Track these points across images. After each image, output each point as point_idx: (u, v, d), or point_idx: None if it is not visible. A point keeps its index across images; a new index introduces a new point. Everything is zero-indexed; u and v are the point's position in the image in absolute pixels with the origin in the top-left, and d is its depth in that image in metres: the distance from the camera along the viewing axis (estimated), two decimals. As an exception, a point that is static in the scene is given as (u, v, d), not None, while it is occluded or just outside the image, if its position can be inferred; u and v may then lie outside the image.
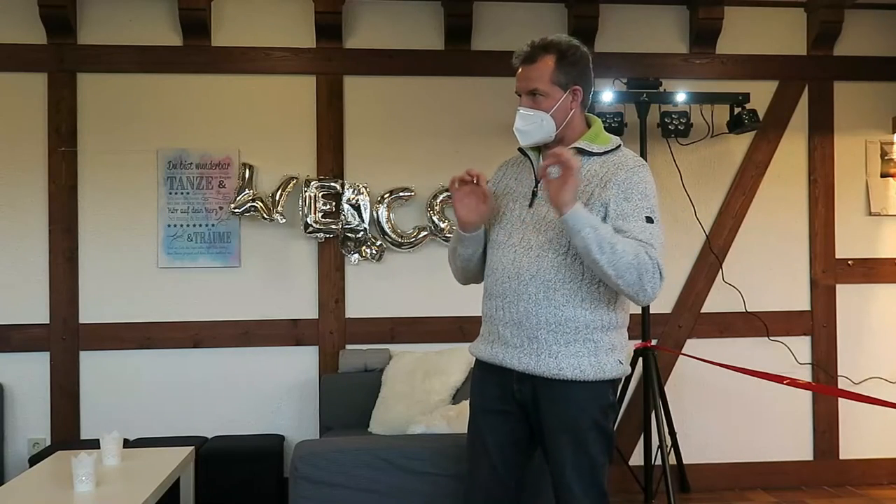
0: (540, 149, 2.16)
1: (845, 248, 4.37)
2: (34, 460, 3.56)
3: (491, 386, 2.13)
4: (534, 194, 2.10)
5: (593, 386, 2.01)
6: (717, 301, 4.31)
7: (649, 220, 1.99)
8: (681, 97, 3.96)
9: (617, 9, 4.28)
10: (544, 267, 2.01)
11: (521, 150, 2.23)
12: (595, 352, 2.01)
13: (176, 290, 4.08)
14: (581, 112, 2.13)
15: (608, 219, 1.98)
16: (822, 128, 4.38)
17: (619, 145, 2.13)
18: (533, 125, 2.07)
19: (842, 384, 4.31)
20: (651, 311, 3.97)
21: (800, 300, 4.36)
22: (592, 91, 2.18)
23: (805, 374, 4.32)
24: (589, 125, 2.15)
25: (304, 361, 4.13)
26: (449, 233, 4.04)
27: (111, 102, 4.08)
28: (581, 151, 2.08)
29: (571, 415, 2.00)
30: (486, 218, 2.14)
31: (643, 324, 3.91)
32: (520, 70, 2.10)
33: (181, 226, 4.08)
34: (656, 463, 3.87)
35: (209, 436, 3.98)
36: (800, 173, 4.39)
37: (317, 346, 4.13)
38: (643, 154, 3.89)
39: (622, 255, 1.88)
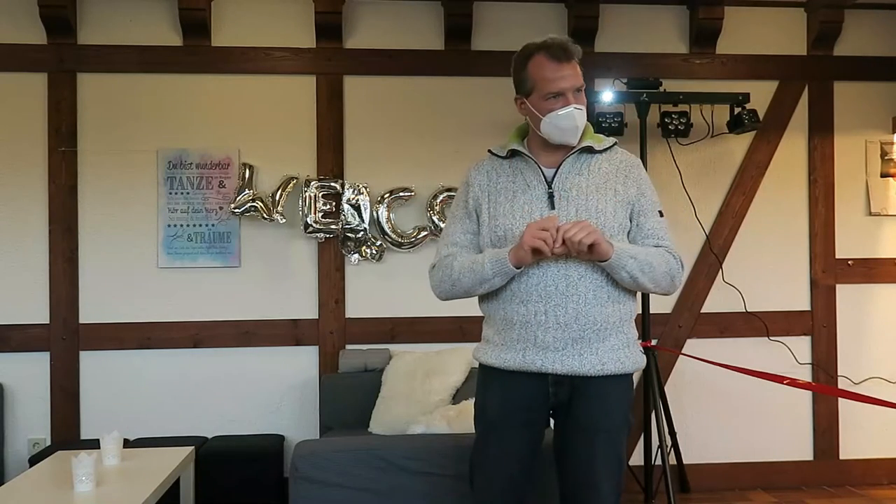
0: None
1: (845, 248, 4.37)
2: (34, 460, 3.56)
3: (519, 396, 2.07)
4: (550, 195, 2.07)
5: (625, 380, 2.09)
6: (717, 301, 4.31)
7: (660, 213, 2.13)
8: (681, 97, 3.96)
9: (617, 9, 4.28)
10: (591, 266, 2.02)
11: (491, 151, 2.22)
12: (627, 344, 2.08)
13: (176, 290, 4.08)
14: None
15: (633, 215, 2.09)
16: (822, 128, 4.38)
17: (615, 142, 2.19)
18: (582, 121, 2.08)
19: (842, 384, 4.31)
20: (651, 311, 3.97)
21: (800, 300, 4.36)
22: None
23: (805, 374, 4.32)
24: None
25: (304, 361, 4.13)
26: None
27: (111, 102, 4.08)
28: (586, 150, 2.12)
29: (607, 412, 2.04)
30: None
31: (643, 324, 3.91)
32: (561, 66, 2.02)
33: (181, 226, 4.08)
34: (656, 463, 3.87)
35: (209, 436, 3.98)
36: (800, 173, 4.39)
37: (317, 346, 4.13)
38: (643, 154, 3.90)
39: (657, 267, 2.02)
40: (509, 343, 2.07)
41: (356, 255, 4.14)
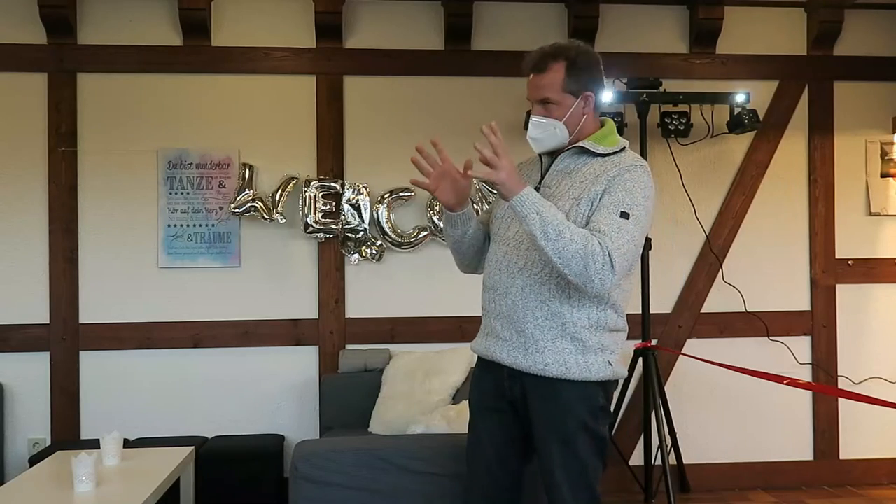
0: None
1: (845, 248, 4.37)
2: (34, 460, 3.56)
3: (487, 383, 2.15)
4: (536, 190, 2.08)
5: (581, 386, 1.99)
6: (717, 301, 4.30)
7: (624, 215, 1.93)
8: (681, 97, 3.96)
9: (617, 9, 4.29)
10: (532, 260, 2.01)
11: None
12: (583, 351, 1.99)
13: (176, 290, 4.07)
14: (594, 114, 2.13)
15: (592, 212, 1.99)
16: (822, 128, 4.38)
17: (624, 147, 2.12)
18: (546, 133, 2.07)
19: (842, 384, 4.31)
20: (651, 311, 3.97)
21: (800, 300, 4.36)
22: (603, 91, 2.17)
23: (805, 374, 4.32)
24: (602, 125, 2.15)
25: (304, 361, 4.12)
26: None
27: (111, 102, 4.08)
28: (584, 151, 2.09)
29: (559, 415, 2.00)
30: (468, 194, 2.13)
31: (643, 324, 3.91)
32: (530, 77, 2.09)
33: (181, 226, 4.08)
34: (656, 463, 3.87)
35: (209, 436, 3.98)
36: (800, 173, 4.39)
37: (317, 346, 4.13)
38: (643, 154, 3.89)
39: (569, 242, 1.85)
40: (481, 329, 2.19)
41: (356, 255, 4.14)
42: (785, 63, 4.37)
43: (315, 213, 4.05)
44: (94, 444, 3.20)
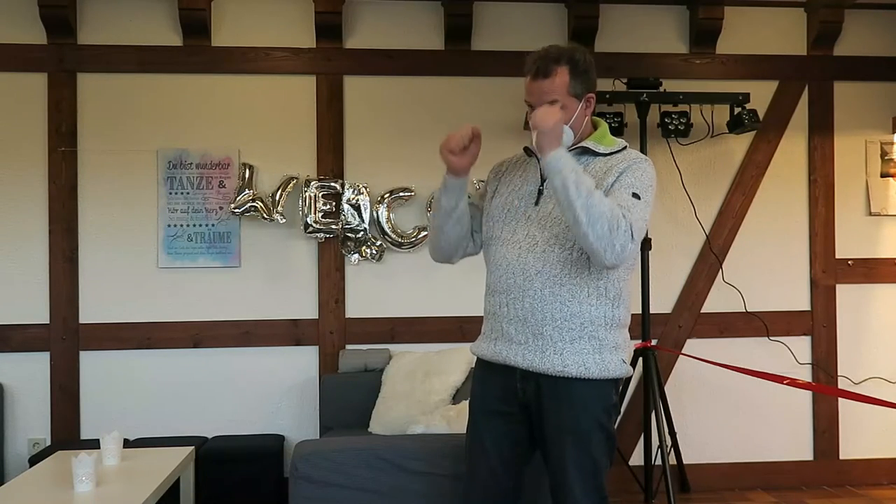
0: None
1: (845, 248, 4.37)
2: (34, 460, 3.56)
3: (492, 386, 2.13)
4: (540, 192, 2.10)
5: (597, 384, 2.02)
6: (717, 301, 4.30)
7: (636, 196, 1.99)
8: (681, 97, 3.96)
9: (617, 9, 4.29)
10: (550, 262, 2.01)
11: (526, 149, 2.24)
12: (600, 350, 2.02)
13: (176, 290, 4.08)
14: (590, 116, 2.16)
15: None
16: (822, 128, 4.38)
17: (626, 146, 2.16)
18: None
19: (842, 384, 4.31)
20: (651, 311, 3.97)
21: (800, 300, 4.36)
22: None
23: (805, 374, 4.32)
24: (595, 127, 2.17)
25: (304, 361, 4.13)
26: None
27: (111, 102, 4.08)
28: (587, 151, 2.11)
29: (575, 414, 2.01)
30: (473, 163, 2.11)
31: (643, 324, 3.91)
32: (532, 83, 2.07)
33: (181, 226, 4.08)
34: (656, 463, 3.88)
35: (209, 436, 3.98)
36: (800, 173, 4.39)
37: (317, 346, 4.13)
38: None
39: (598, 202, 1.88)
40: (486, 333, 2.16)
41: (356, 255, 4.14)
42: (785, 63, 4.37)
43: (315, 213, 4.05)
44: (94, 444, 3.21)
